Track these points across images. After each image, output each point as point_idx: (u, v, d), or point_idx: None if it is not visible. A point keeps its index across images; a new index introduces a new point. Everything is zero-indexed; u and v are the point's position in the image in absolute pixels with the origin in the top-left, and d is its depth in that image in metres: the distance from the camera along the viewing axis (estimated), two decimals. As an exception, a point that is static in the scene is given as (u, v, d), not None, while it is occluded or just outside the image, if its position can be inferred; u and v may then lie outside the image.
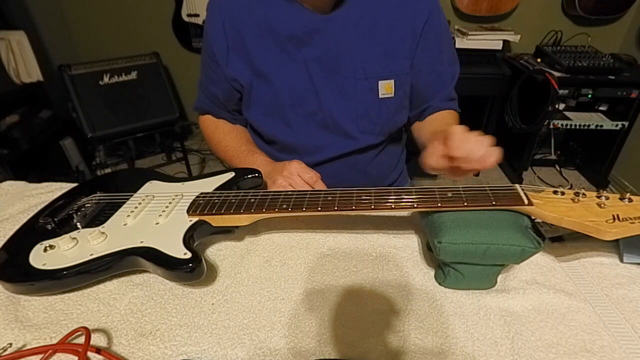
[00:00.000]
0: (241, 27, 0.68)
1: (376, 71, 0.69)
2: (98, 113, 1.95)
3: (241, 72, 0.71)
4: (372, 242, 0.55)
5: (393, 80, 0.70)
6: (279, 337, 0.41)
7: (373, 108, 0.72)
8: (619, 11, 2.00)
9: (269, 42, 0.68)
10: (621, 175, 2.09)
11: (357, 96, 0.71)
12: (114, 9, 2.29)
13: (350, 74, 0.69)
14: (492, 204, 0.45)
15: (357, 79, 0.69)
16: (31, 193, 0.67)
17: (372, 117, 0.73)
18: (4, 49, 1.70)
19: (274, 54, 0.68)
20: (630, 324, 0.42)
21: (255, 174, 0.61)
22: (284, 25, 0.66)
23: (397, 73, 0.70)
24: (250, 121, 0.78)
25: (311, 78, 0.69)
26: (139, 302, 0.46)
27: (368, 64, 0.69)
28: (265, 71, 0.69)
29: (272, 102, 0.72)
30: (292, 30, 0.66)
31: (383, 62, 0.69)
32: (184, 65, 2.41)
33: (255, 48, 0.69)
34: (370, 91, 0.70)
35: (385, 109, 0.73)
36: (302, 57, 0.68)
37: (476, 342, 0.40)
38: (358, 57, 0.68)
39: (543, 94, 1.81)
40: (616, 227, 0.40)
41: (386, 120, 0.75)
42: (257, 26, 0.67)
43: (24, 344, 0.40)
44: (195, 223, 0.50)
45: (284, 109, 0.72)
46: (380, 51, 0.68)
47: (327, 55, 0.68)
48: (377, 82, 0.70)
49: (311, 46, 0.67)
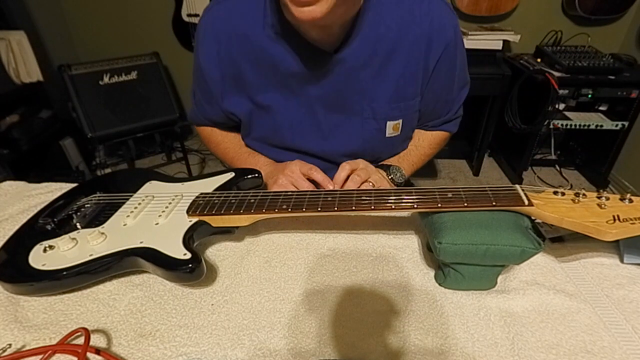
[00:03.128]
0: (238, 59, 0.63)
1: (385, 112, 0.66)
2: (98, 113, 1.95)
3: (239, 105, 0.68)
4: (372, 242, 0.55)
5: (401, 120, 0.68)
6: (278, 337, 0.41)
7: (378, 146, 0.71)
8: (619, 11, 2.00)
9: (269, 76, 0.63)
10: (621, 175, 2.09)
11: (364, 135, 0.68)
12: (114, 9, 2.29)
13: (357, 113, 0.66)
14: (492, 205, 0.45)
15: (365, 119, 0.66)
16: (31, 193, 0.67)
17: (375, 153, 0.72)
18: (4, 49, 1.70)
19: (275, 88, 0.64)
20: (631, 324, 0.42)
21: (255, 174, 0.61)
22: (286, 62, 0.61)
23: (406, 113, 0.68)
24: (251, 147, 0.76)
25: (314, 114, 0.66)
26: (139, 302, 0.46)
27: (377, 104, 0.65)
28: (266, 103, 0.66)
29: (272, 133, 0.69)
30: (295, 68, 0.61)
31: (393, 102, 0.66)
32: (184, 65, 2.41)
33: (255, 80, 0.64)
34: (378, 131, 0.68)
35: (390, 145, 0.72)
36: (305, 94, 0.64)
37: (476, 343, 0.40)
38: (366, 97, 0.65)
39: (543, 94, 1.81)
40: (616, 228, 0.40)
41: (390, 154, 0.74)
42: (256, 58, 0.62)
43: (23, 345, 0.40)
44: (195, 223, 0.50)
45: (283, 142, 0.70)
46: (390, 91, 0.64)
47: (333, 95, 0.64)
48: (385, 122, 0.67)
49: (316, 86, 0.63)
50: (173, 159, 2.48)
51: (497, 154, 2.42)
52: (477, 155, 2.25)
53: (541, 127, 1.90)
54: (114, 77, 2.00)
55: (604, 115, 1.97)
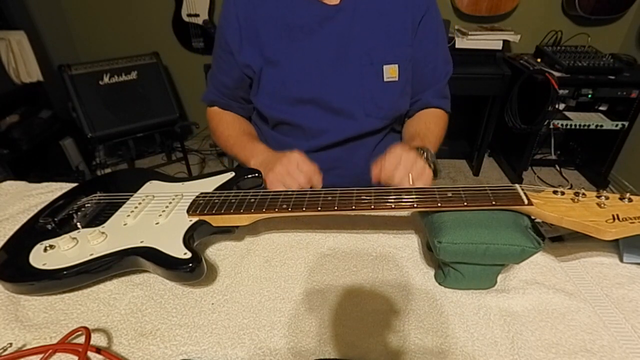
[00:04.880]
0: (254, 18, 0.72)
1: (381, 56, 0.73)
2: (98, 113, 1.95)
3: (253, 58, 0.74)
4: (372, 242, 0.55)
5: (397, 65, 0.74)
6: (279, 336, 0.41)
7: (378, 92, 0.74)
8: (619, 11, 2.00)
9: (279, 32, 0.72)
10: (621, 175, 2.09)
11: (363, 81, 0.73)
12: (114, 9, 2.29)
13: (356, 61, 0.72)
14: (492, 204, 0.45)
15: (363, 65, 0.72)
16: (31, 193, 0.67)
17: (377, 101, 0.75)
18: (4, 49, 1.70)
19: (285, 42, 0.72)
20: (630, 323, 0.42)
21: (255, 173, 0.61)
22: (296, 15, 0.71)
23: (401, 58, 0.74)
24: (258, 106, 0.80)
25: (319, 64, 0.72)
26: (139, 302, 0.46)
27: (373, 50, 0.72)
28: (275, 58, 0.72)
29: (280, 87, 0.74)
30: (304, 20, 0.71)
31: (388, 48, 0.73)
32: (184, 65, 2.41)
33: (267, 37, 0.72)
34: (376, 75, 0.73)
35: (390, 92, 0.75)
36: (311, 45, 0.72)
37: (476, 342, 0.40)
38: (364, 45, 0.72)
39: (543, 94, 1.81)
40: (616, 227, 0.40)
41: (390, 104, 0.77)
42: (270, 16, 0.71)
43: (24, 344, 0.40)
44: (195, 223, 0.50)
45: (291, 93, 0.74)
46: (384, 38, 0.72)
47: (336, 42, 0.71)
48: (382, 66, 0.73)
49: (321, 34, 0.71)
50: (173, 159, 2.48)
51: (497, 154, 2.42)
52: (477, 155, 2.25)
53: (541, 127, 1.90)
54: (114, 77, 2.00)
55: (604, 115, 1.97)
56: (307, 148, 0.76)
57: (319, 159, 0.75)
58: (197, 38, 2.25)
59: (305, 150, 0.76)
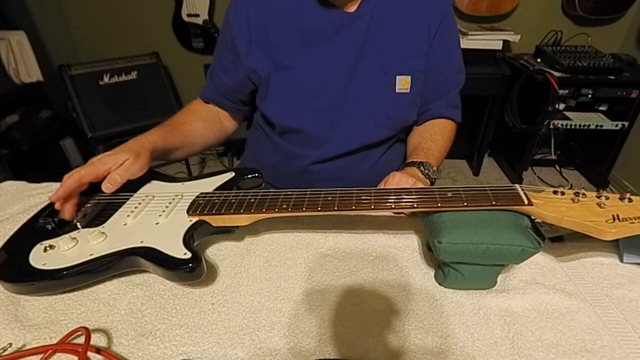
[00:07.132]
0: (267, 21, 0.70)
1: (395, 67, 0.72)
2: (98, 113, 1.95)
3: (260, 63, 0.72)
4: (372, 242, 0.55)
5: (410, 77, 0.73)
6: (279, 337, 0.41)
7: (389, 102, 0.74)
8: (619, 11, 2.00)
9: (293, 36, 0.70)
10: (621, 175, 2.09)
11: (375, 90, 0.72)
12: (114, 9, 2.29)
13: (369, 70, 0.71)
14: (492, 204, 0.45)
15: (376, 75, 0.71)
16: (31, 193, 0.67)
17: (387, 111, 0.74)
18: (4, 49, 1.70)
19: (298, 47, 0.70)
20: (630, 324, 0.42)
21: (255, 174, 0.61)
22: (312, 21, 0.69)
23: (414, 70, 0.73)
24: (266, 112, 0.77)
25: (332, 72, 0.71)
26: (139, 302, 0.46)
27: (387, 61, 0.71)
28: (287, 63, 0.71)
29: (290, 93, 0.73)
30: (320, 26, 0.69)
31: (402, 59, 0.72)
32: (184, 65, 2.41)
33: (280, 42, 0.70)
34: (388, 85, 0.73)
35: (400, 103, 0.75)
36: (326, 53, 0.70)
37: (476, 342, 0.40)
38: (379, 54, 0.71)
39: (543, 94, 1.81)
40: (616, 227, 0.40)
41: (399, 115, 0.76)
42: (284, 20, 0.70)
43: (24, 344, 0.40)
44: (195, 223, 0.50)
45: (301, 100, 0.73)
46: (399, 48, 0.71)
47: (351, 51, 0.70)
48: (395, 77, 0.72)
49: (336, 42, 0.70)
50: (173, 159, 2.48)
51: (497, 154, 2.42)
52: (477, 155, 2.25)
53: (541, 127, 1.90)
54: (114, 77, 2.00)
55: (604, 115, 1.97)
56: (314, 159, 0.75)
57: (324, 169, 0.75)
58: (197, 38, 2.25)
59: (311, 161, 0.76)
